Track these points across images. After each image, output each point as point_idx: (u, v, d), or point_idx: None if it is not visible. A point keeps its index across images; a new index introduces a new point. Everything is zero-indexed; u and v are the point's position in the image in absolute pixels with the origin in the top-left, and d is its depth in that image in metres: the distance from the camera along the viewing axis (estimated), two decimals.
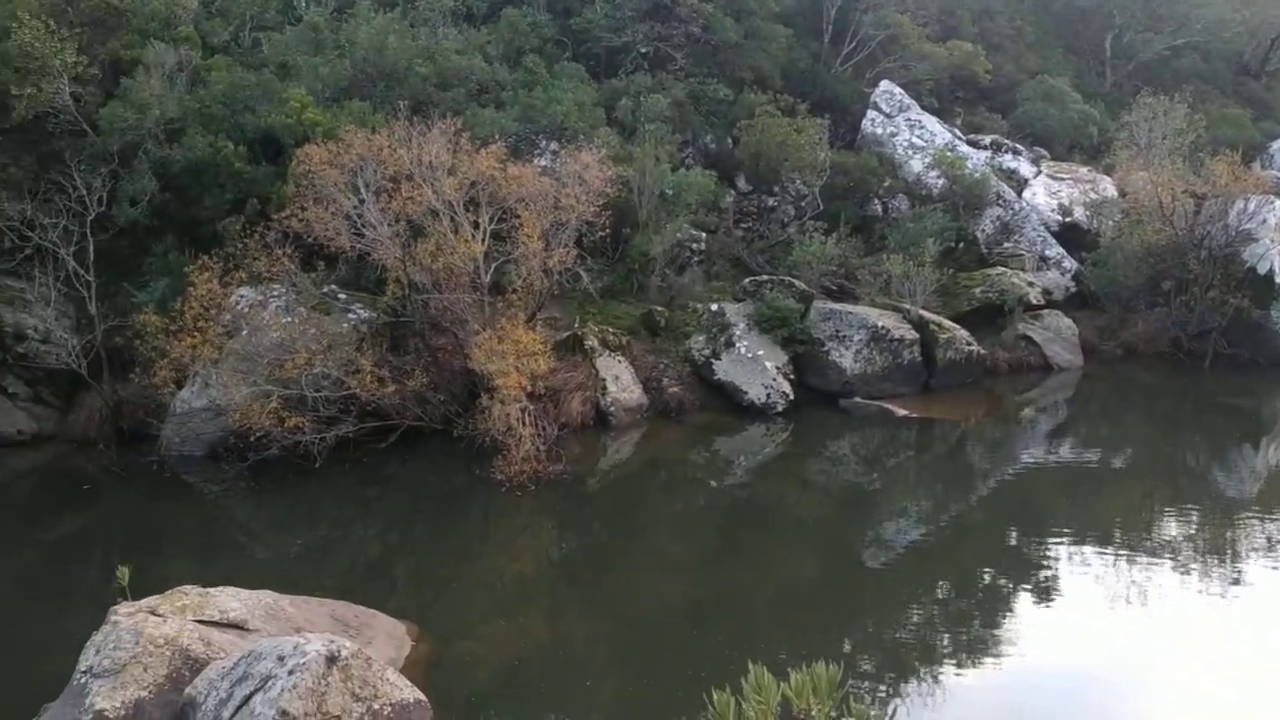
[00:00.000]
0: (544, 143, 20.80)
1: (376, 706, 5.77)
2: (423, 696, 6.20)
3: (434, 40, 22.60)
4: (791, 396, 18.55)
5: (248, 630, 7.13)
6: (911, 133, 25.45)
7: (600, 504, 15.17)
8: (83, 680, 6.40)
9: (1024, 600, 11.48)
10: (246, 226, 16.61)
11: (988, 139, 27.36)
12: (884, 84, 26.53)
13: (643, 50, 24.90)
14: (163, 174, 17.88)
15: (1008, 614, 11.14)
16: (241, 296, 16.26)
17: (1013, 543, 13.41)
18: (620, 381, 17.93)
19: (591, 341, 18.17)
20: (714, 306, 19.73)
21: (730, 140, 24.47)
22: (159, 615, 6.85)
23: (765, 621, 10.99)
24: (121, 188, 17.48)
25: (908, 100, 26.31)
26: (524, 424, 14.66)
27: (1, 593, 12.19)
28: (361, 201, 15.92)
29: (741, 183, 24.29)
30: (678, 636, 10.60)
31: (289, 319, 15.73)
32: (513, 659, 10.11)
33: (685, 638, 10.55)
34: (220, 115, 18.75)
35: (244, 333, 15.68)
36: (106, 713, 6.15)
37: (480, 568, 12.92)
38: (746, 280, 20.73)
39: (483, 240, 16.14)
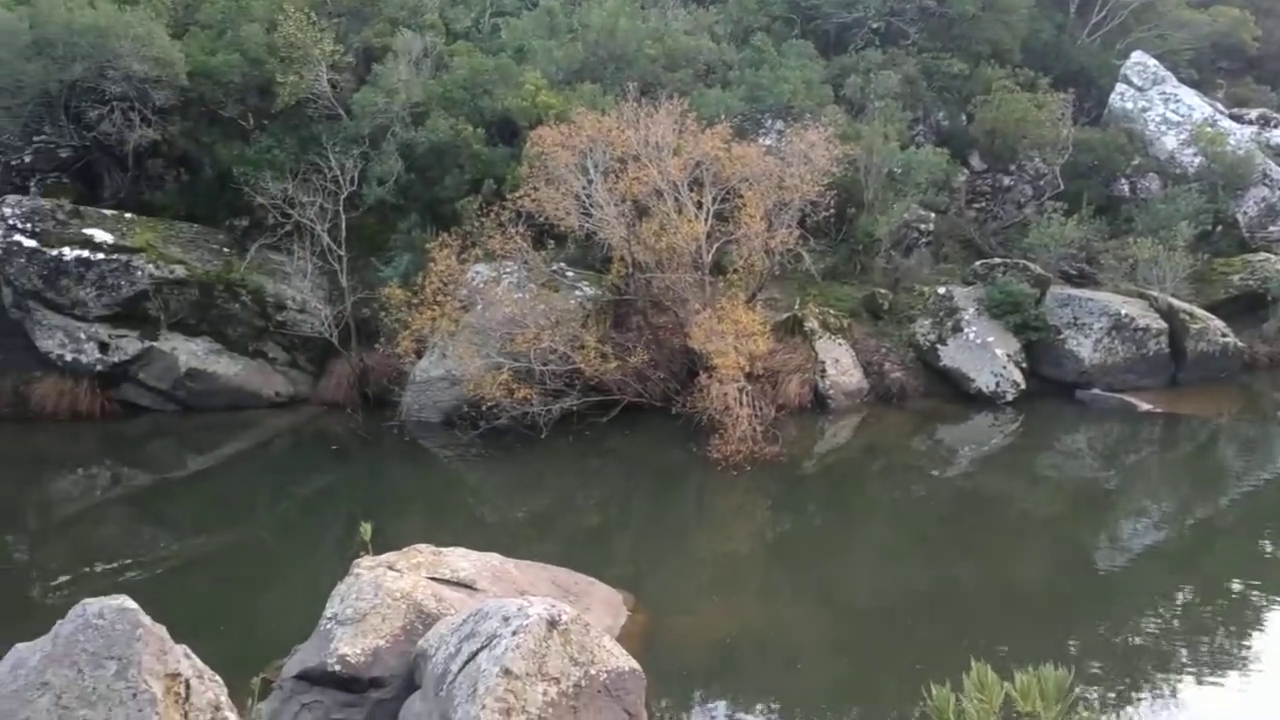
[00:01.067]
0: (769, 122, 20.67)
1: (593, 672, 5.96)
2: (637, 665, 6.34)
3: (663, 22, 22.83)
4: (1023, 385, 17.74)
5: (476, 590, 7.52)
6: (1165, 107, 23.66)
7: (816, 487, 15.02)
8: (328, 626, 6.92)
9: (1277, 615, 10.56)
10: (483, 206, 17.37)
11: (1254, 113, 25.09)
12: (1136, 55, 24.77)
13: (874, 26, 24.28)
14: (408, 155, 18.95)
15: (1257, 628, 10.27)
16: (477, 273, 17.04)
17: (1267, 552, 12.35)
18: (840, 365, 17.66)
19: (812, 323, 17.97)
20: (941, 290, 19.09)
21: (964, 117, 23.53)
22: (396, 570, 7.33)
23: (987, 618, 10.59)
24: (371, 168, 18.66)
25: (1163, 72, 24.46)
26: (741, 404, 14.69)
27: (261, 540, 13.34)
28: (590, 182, 16.33)
29: (975, 161, 23.33)
30: (894, 627, 10.37)
31: (520, 295, 16.37)
32: (725, 637, 10.18)
33: (902, 629, 10.31)
34: (461, 99, 19.65)
35: (479, 307, 16.43)
36: (349, 657, 6.63)
37: (695, 544, 13.08)
38: (977, 263, 19.92)
39: (705, 220, 16.24)
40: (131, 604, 5.20)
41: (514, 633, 6.00)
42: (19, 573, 12.46)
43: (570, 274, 17.71)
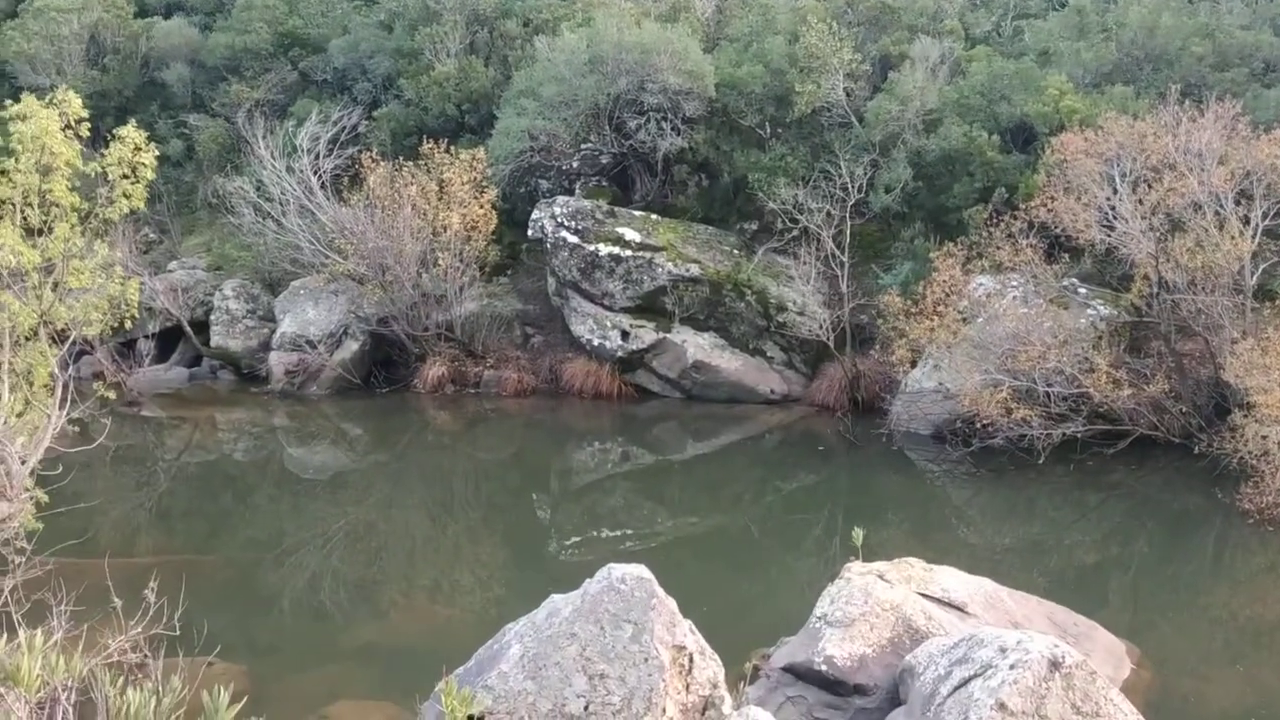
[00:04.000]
0: None
1: None
2: None
3: (1214, 16, 20.49)
4: None
5: (967, 614, 7.23)
6: None
7: None
8: (817, 625, 7.01)
9: None
10: (992, 215, 16.72)
11: None
12: None
13: None
14: (917, 163, 18.76)
15: None
16: (980, 284, 16.44)
17: None
18: None
19: None
20: None
21: None
22: (887, 581, 7.24)
23: None
24: (879, 176, 18.72)
25: None
26: None
27: (746, 530, 13.92)
28: (1115, 192, 15.07)
29: None
30: None
31: (1026, 310, 15.54)
32: (1246, 713, 8.89)
33: None
34: (976, 105, 19.06)
35: (979, 320, 15.84)
36: (836, 659, 6.67)
37: (1211, 601, 11.58)
38: None
39: (1252, 238, 14.33)
40: (648, 574, 5.60)
41: (1011, 666, 5.66)
42: (541, 528, 14.12)
43: (1082, 290, 16.49)
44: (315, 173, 20.99)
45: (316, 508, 14.96)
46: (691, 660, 5.42)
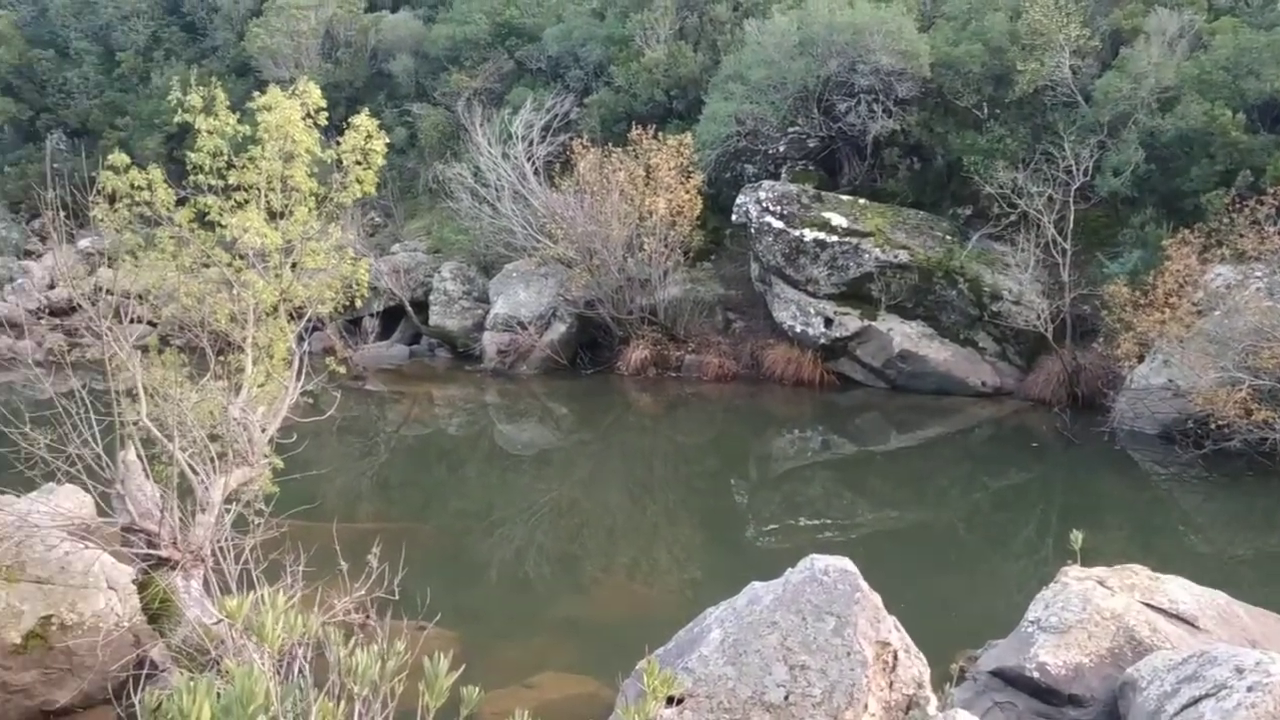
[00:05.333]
0: None
1: None
2: None
3: None
4: None
5: (1197, 629, 6.72)
6: None
7: None
8: (1030, 630, 6.68)
9: None
10: (1235, 200, 15.47)
11: None
12: None
13: None
14: (1149, 144, 17.56)
15: None
16: (1219, 275, 15.26)
17: None
18: None
19: None
20: None
21: None
22: (1107, 588, 6.82)
23: None
24: (1107, 158, 17.63)
25: None
26: None
27: (951, 526, 13.45)
28: None
29: None
30: None
31: (1271, 303, 14.31)
32: None
33: None
34: (1220, 81, 17.65)
35: (1216, 314, 14.71)
36: (1049, 667, 6.34)
37: None
38: None
39: None
40: (852, 567, 5.49)
41: (1249, 689, 5.22)
42: (739, 513, 14.10)
43: None
44: (529, 159, 21.65)
45: (523, 482, 15.47)
46: (896, 658, 5.28)
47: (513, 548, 12.34)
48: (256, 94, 8.03)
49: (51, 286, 24.69)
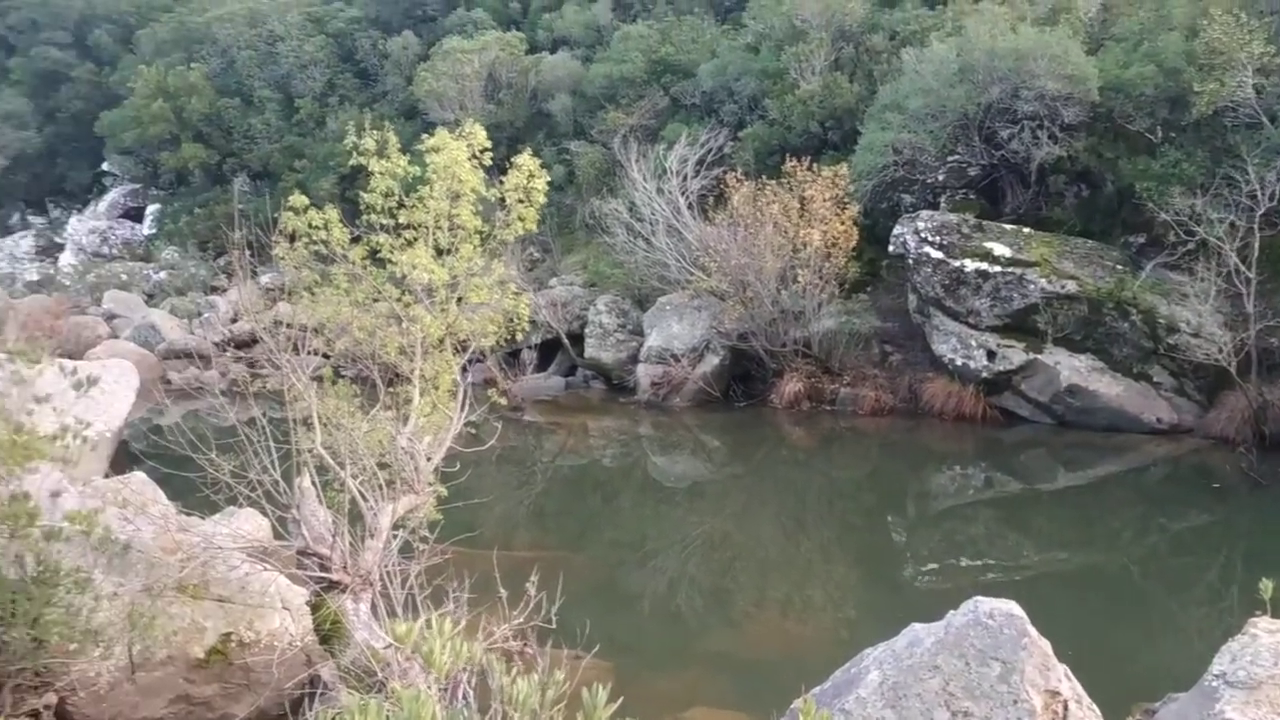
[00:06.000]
0: None
1: None
2: None
3: None
4: None
5: None
6: None
7: None
8: (1214, 685, 6.26)
9: None
10: None
11: None
12: None
13: None
14: None
15: None
16: None
17: None
18: None
19: None
20: None
21: None
22: None
23: None
24: None
25: None
26: None
27: (1124, 569, 12.75)
28: None
29: None
30: None
31: None
32: None
33: None
34: None
35: None
36: None
37: None
38: None
39: None
40: (1019, 611, 5.28)
41: None
42: (896, 551, 13.74)
43: None
44: (683, 193, 21.86)
45: (676, 514, 15.50)
46: (1066, 708, 5.05)
47: (665, 579, 12.35)
48: (426, 135, 8.38)
49: (234, 320, 26.24)
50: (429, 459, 7.68)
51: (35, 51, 38.56)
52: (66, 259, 34.97)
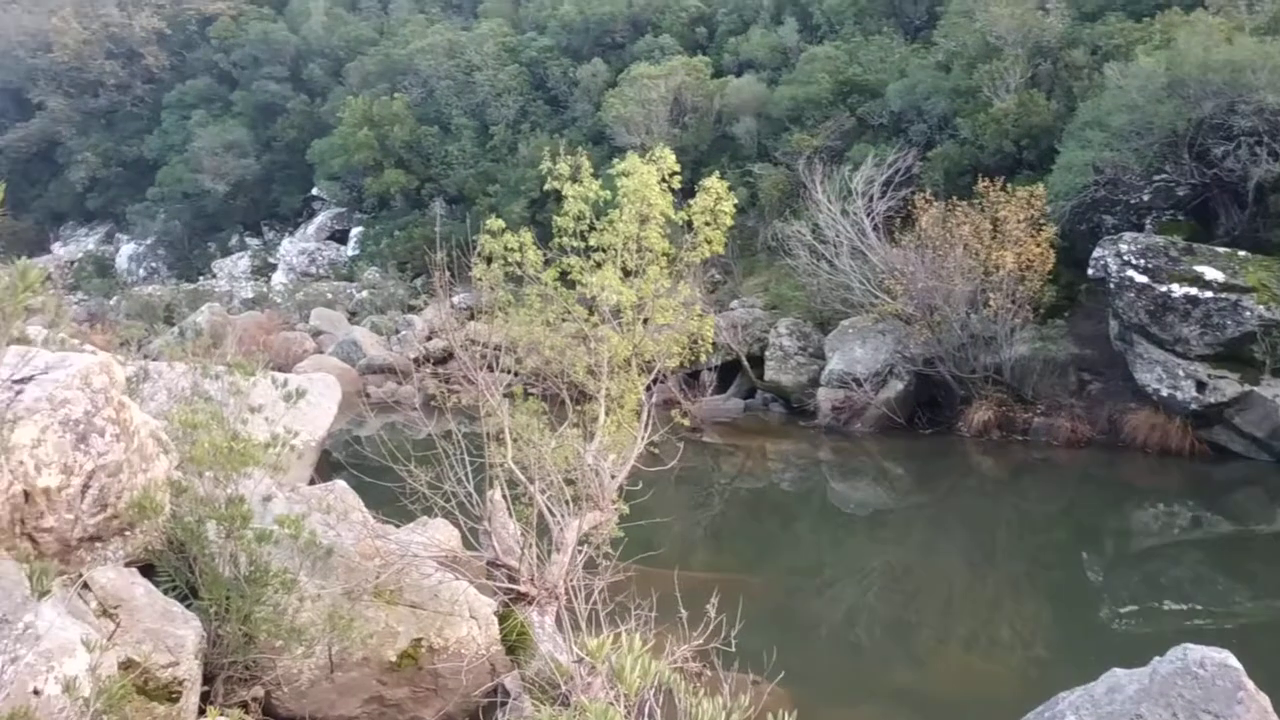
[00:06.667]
0: None
1: None
2: None
3: None
4: None
5: None
6: None
7: None
8: None
9: None
10: None
11: None
12: None
13: None
14: None
15: None
16: None
17: None
18: None
19: None
20: None
21: None
22: None
23: None
24: None
25: None
26: None
27: None
28: None
29: None
30: None
31: None
32: None
33: None
34: None
35: None
36: None
37: None
38: None
39: None
40: (1234, 662, 4.93)
41: None
42: (1092, 591, 13.05)
43: None
44: (868, 214, 21.52)
45: (855, 542, 15.20)
46: None
47: (844, 608, 12.13)
48: (616, 160, 8.57)
49: (430, 337, 27.41)
50: (613, 477, 7.82)
51: (256, 85, 41.48)
52: (278, 278, 37.38)
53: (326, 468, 13.88)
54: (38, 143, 44.38)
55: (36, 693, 4.23)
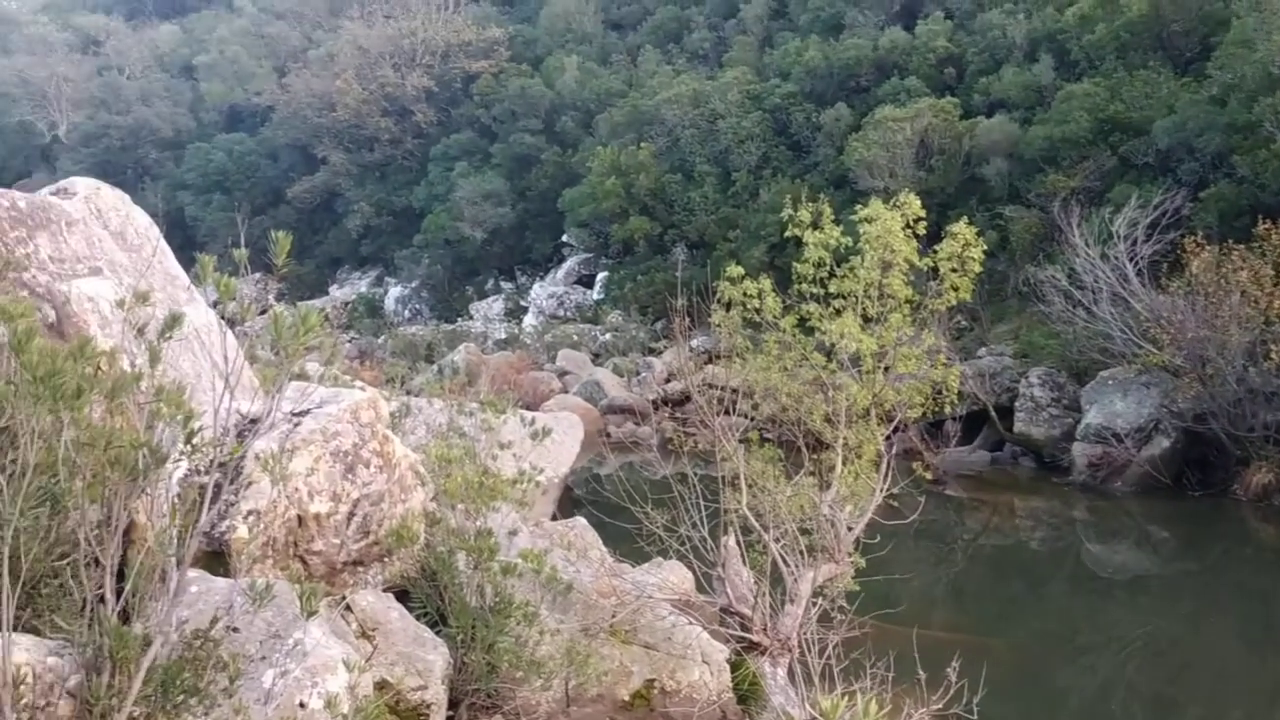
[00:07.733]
0: None
1: None
2: None
3: None
4: None
5: None
6: None
7: None
8: None
9: None
10: None
11: None
12: None
13: None
14: None
15: None
16: None
17: None
18: None
19: None
20: None
21: None
22: None
23: None
24: None
25: None
26: None
27: None
28: None
29: None
30: None
31: None
32: None
33: None
34: None
35: None
36: None
37: None
38: None
39: None
40: None
41: None
42: None
43: None
44: (1131, 259, 20.23)
45: (1112, 609, 14.16)
46: None
47: (1099, 679, 11.31)
48: (859, 205, 8.48)
49: (668, 380, 27.86)
50: (850, 528, 7.65)
51: (513, 138, 43.81)
52: (529, 320, 39.09)
53: (568, 504, 14.31)
54: (321, 194, 48.58)
55: (302, 705, 4.56)
